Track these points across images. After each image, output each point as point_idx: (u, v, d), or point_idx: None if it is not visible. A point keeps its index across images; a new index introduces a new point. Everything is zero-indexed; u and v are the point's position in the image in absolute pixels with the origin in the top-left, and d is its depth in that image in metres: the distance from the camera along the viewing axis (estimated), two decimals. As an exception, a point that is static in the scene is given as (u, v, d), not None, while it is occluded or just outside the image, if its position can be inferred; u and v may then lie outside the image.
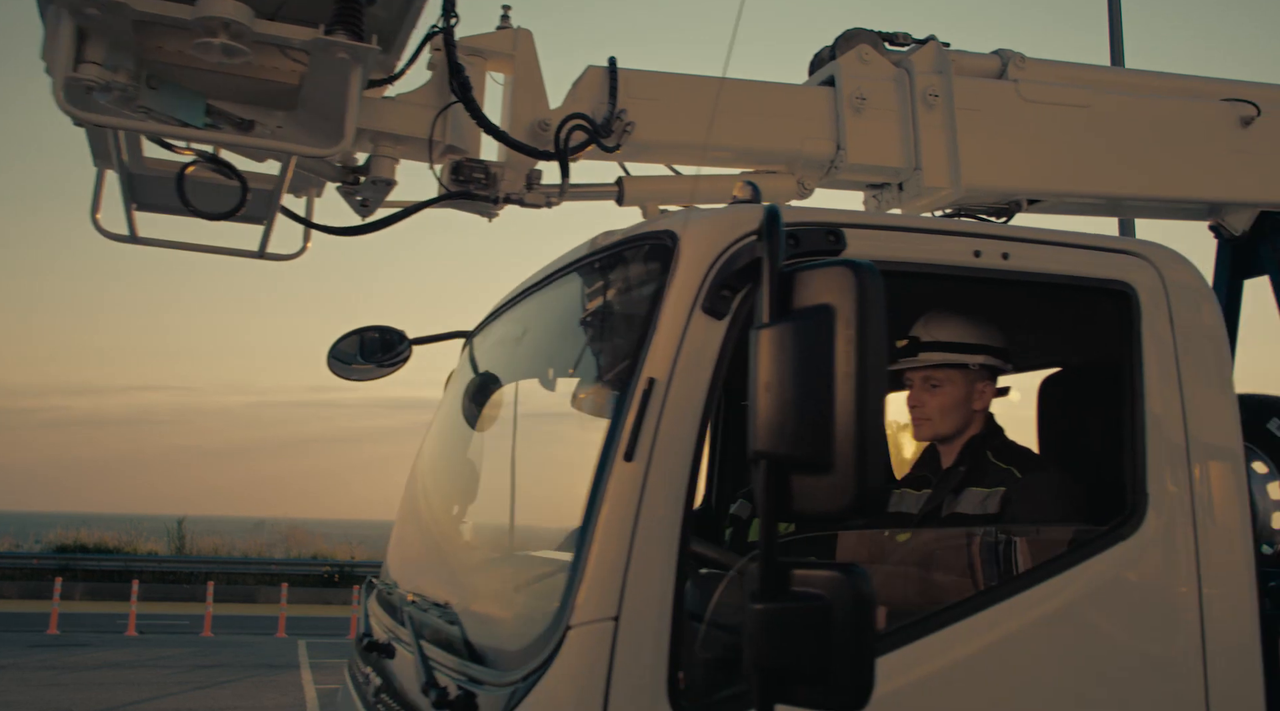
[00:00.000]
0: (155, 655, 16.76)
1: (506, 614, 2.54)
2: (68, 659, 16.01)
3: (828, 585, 1.99)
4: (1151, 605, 2.65)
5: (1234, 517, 2.79)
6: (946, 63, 4.01)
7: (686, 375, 2.35)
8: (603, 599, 2.23)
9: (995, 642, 2.49)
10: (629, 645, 2.21)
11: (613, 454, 2.32)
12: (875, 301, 1.97)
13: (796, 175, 3.87)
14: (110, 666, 15.45)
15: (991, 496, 2.89)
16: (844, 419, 1.93)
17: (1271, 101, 4.44)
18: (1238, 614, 2.73)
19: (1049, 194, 4.15)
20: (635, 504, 2.27)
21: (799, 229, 2.47)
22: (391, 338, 4.32)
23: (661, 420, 2.32)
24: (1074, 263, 2.77)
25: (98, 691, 13.27)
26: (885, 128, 3.88)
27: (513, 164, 3.49)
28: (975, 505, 2.91)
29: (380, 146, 3.40)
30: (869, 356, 1.94)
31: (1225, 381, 2.85)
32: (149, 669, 15.33)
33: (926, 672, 2.43)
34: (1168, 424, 2.74)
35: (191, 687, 13.88)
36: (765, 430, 2.01)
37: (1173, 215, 4.64)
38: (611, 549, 2.25)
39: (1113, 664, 2.59)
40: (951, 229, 2.70)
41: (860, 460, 1.92)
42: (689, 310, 2.39)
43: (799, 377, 1.98)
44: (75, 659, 16.04)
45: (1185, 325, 2.82)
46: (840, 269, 1.99)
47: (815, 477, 1.97)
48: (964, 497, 2.95)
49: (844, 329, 1.96)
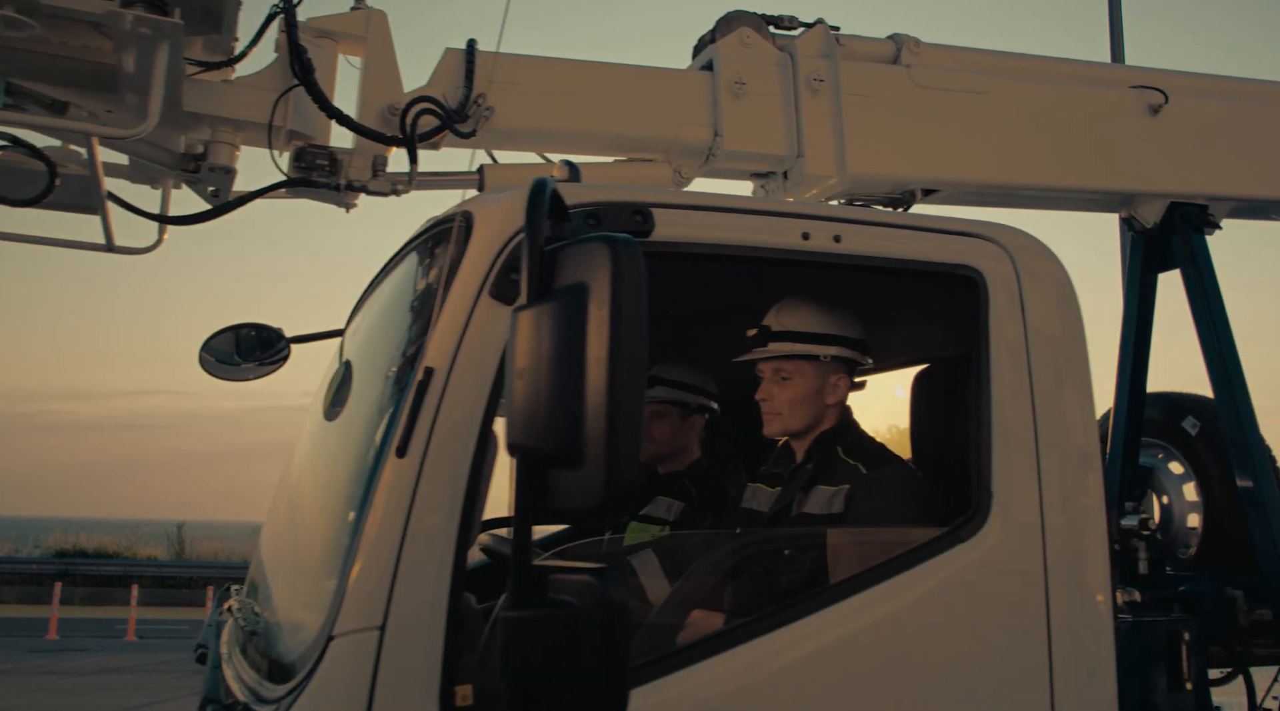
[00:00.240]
0: (155, 660, 16.50)
1: (288, 623, 2.38)
2: (67, 664, 15.79)
3: (579, 591, 1.82)
4: (994, 610, 2.49)
5: (1088, 520, 2.62)
6: (833, 47, 3.85)
7: (469, 365, 2.19)
8: (367, 606, 2.06)
9: (823, 649, 2.32)
10: (395, 656, 2.05)
11: (386, 449, 2.16)
12: (632, 279, 1.80)
13: (673, 163, 3.71)
14: (110, 671, 15.26)
15: (837, 495, 2.72)
16: (594, 407, 1.77)
17: (1179, 88, 4.29)
18: (1090, 623, 2.57)
19: (945, 183, 3.99)
20: (407, 503, 2.10)
21: (601, 208, 2.30)
22: (269, 335, 4.15)
23: (440, 413, 2.15)
24: (914, 246, 2.60)
25: (97, 696, 13.10)
26: (766, 114, 3.73)
27: (361, 150, 3.34)
28: (822, 504, 2.74)
29: (218, 132, 3.24)
30: (623, 339, 1.77)
31: (1081, 376, 2.68)
32: (149, 674, 15.12)
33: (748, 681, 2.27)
34: (1015, 420, 2.58)
35: (190, 693, 13.61)
36: (519, 421, 1.84)
37: (1082, 206, 4.48)
38: (379, 552, 2.09)
39: (951, 672, 2.43)
40: (777, 209, 2.54)
41: (610, 453, 1.75)
42: (475, 295, 2.23)
43: (551, 363, 1.82)
44: (75, 664, 15.81)
45: (1039, 315, 2.65)
46: (595, 244, 1.83)
47: (568, 472, 1.80)
48: (812, 496, 2.78)
49: (596, 309, 1.79)
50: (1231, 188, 4.35)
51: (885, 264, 2.57)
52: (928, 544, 2.47)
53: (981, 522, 2.50)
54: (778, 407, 2.89)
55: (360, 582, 2.08)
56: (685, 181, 3.75)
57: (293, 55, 3.14)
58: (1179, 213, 4.28)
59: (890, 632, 2.37)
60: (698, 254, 2.41)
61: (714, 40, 3.79)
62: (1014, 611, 2.49)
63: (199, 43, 3.27)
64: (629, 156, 3.72)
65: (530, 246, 1.87)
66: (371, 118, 3.33)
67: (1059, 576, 2.53)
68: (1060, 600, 2.52)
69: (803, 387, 2.87)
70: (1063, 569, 2.54)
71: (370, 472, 2.19)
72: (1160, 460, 4.75)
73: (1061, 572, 2.53)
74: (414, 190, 3.39)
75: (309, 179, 3.23)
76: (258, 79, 3.24)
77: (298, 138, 3.28)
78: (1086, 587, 2.57)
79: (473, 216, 2.34)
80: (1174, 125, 4.25)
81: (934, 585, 2.43)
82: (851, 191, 3.85)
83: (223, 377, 4.19)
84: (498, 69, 3.46)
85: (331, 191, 3.27)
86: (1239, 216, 4.60)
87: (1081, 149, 4.17)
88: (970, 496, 2.54)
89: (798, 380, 2.87)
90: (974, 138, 4.00)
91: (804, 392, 2.87)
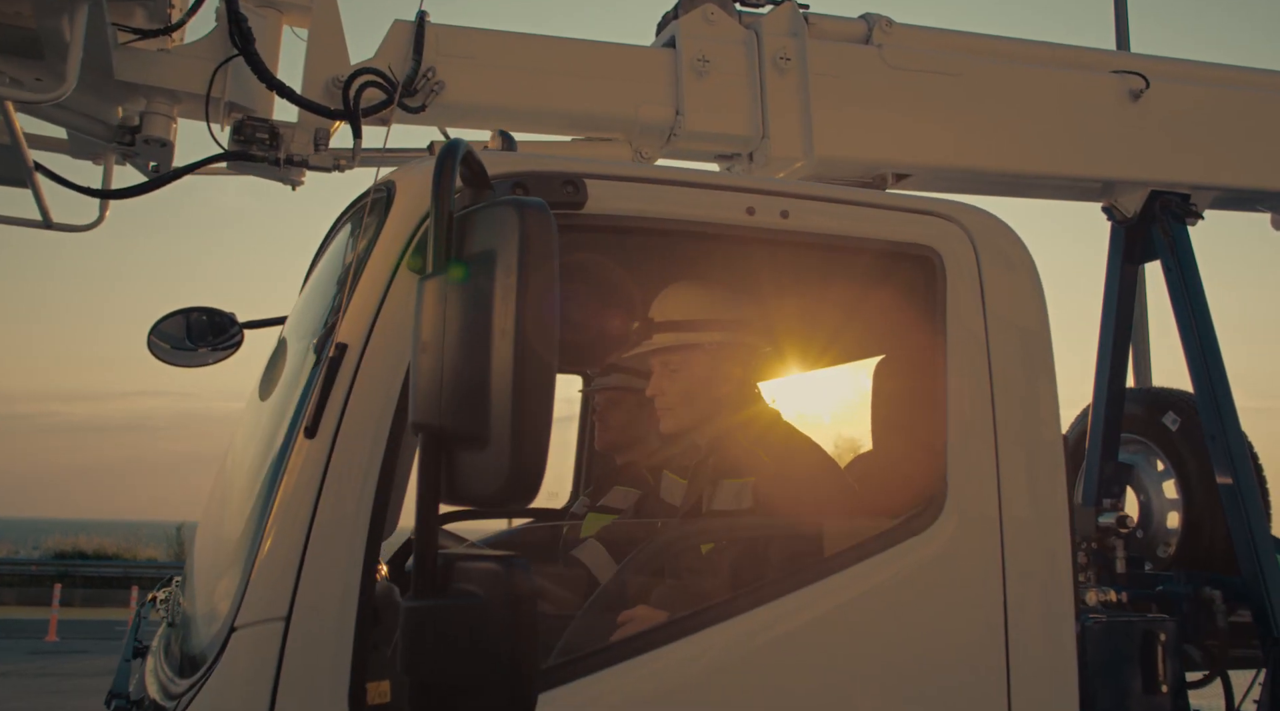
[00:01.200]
0: (155, 662, 16.41)
1: (201, 615, 2.25)
2: (67, 665, 15.57)
3: (484, 580, 1.70)
4: (948, 608, 2.36)
5: (1050, 515, 2.49)
6: (801, 25, 3.71)
7: (386, 341, 2.06)
8: (271, 597, 1.94)
9: (760, 647, 2.20)
10: (301, 648, 1.92)
11: (296, 430, 2.04)
12: (541, 246, 1.68)
13: (634, 143, 3.58)
14: (110, 673, 15.05)
15: (744, 488, 2.58)
16: (499, 384, 1.64)
17: (1161, 74, 4.16)
18: (1050, 622, 2.44)
19: (916, 167, 3.86)
20: (315, 487, 1.98)
21: (528, 177, 2.17)
22: (221, 320, 4.03)
23: (352, 391, 2.03)
24: (868, 225, 2.48)
25: (97, 698, 12.89)
26: (730, 93, 3.59)
27: (304, 124, 3.21)
28: (730, 499, 2.59)
29: (153, 103, 3.11)
30: (531, 310, 1.65)
31: (1044, 363, 2.55)
32: (148, 675, 15.02)
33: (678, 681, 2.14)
34: (974, 409, 2.45)
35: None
36: (422, 398, 1.72)
37: (1061, 195, 4.34)
38: (284, 540, 1.96)
39: (900, 673, 2.30)
40: (720, 183, 2.41)
41: (516, 433, 1.63)
42: (393, 268, 2.10)
43: (455, 336, 1.69)
44: (75, 665, 15.57)
45: (999, 299, 2.53)
46: (501, 209, 1.71)
47: (472, 454, 1.68)
48: (721, 490, 2.63)
49: (503, 277, 1.67)
50: (1214, 176, 4.22)
51: (836, 242, 2.44)
52: (877, 538, 2.34)
53: (935, 516, 2.38)
54: (669, 403, 2.73)
55: (264, 571, 1.96)
56: (647, 162, 3.62)
57: (232, 24, 3.01)
58: (1160, 202, 4.15)
59: (834, 630, 2.25)
60: (634, 228, 2.29)
61: (677, 16, 3.66)
62: (969, 609, 2.37)
63: (140, 12, 3.14)
64: (588, 135, 3.59)
65: (437, 212, 1.75)
66: (316, 91, 3.20)
67: (1018, 573, 2.40)
68: (1019, 598, 2.40)
69: (692, 378, 2.71)
70: (1022, 565, 2.42)
71: (280, 455, 2.07)
72: (1141, 456, 4.63)
73: (1021, 569, 2.41)
74: (360, 167, 3.25)
75: (247, 153, 3.10)
76: (195, 48, 3.11)
77: (238, 110, 3.15)
78: (1047, 585, 2.45)
79: (395, 186, 2.21)
80: (1155, 111, 4.12)
81: (882, 581, 2.31)
82: (820, 174, 3.71)
83: (176, 364, 4.06)
84: (449, 42, 3.33)
85: (271, 166, 3.14)
86: (1223, 207, 4.48)
87: (1059, 134, 4.04)
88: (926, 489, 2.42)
89: (684, 372, 2.71)
90: (947, 121, 3.86)
91: (694, 383, 2.72)
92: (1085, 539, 4.16)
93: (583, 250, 2.42)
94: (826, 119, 3.65)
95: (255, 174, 3.26)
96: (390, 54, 3.28)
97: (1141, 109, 4.11)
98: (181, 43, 3.26)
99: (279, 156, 3.12)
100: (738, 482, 2.59)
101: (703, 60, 3.56)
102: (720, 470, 2.67)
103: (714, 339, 2.68)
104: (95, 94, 3.06)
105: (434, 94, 3.27)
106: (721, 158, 3.79)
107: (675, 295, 2.75)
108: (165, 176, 3.17)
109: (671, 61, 3.58)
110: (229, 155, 3.11)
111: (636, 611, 2.45)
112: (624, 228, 2.28)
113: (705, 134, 3.58)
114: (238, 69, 3.10)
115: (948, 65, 3.90)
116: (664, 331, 2.71)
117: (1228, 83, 4.36)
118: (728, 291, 2.77)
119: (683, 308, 2.72)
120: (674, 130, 3.55)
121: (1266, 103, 4.34)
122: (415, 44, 3.24)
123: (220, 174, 3.37)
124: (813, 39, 3.73)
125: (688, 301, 2.76)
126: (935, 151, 3.87)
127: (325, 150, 3.20)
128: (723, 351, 2.70)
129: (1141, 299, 10.38)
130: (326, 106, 3.13)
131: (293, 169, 3.21)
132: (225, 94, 3.08)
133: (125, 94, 3.12)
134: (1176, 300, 4.14)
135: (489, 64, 3.37)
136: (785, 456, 2.66)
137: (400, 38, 3.29)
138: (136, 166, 3.34)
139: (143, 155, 3.22)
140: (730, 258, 2.45)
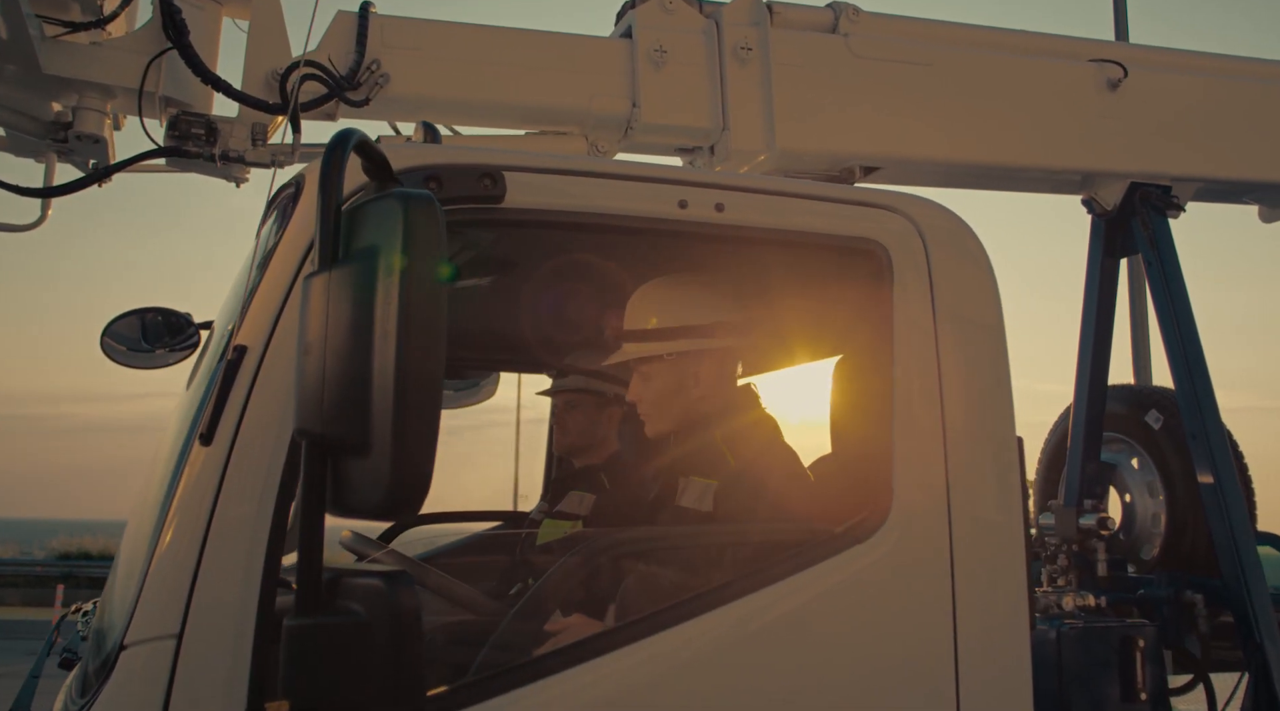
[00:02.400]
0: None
1: (103, 630, 2.16)
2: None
3: (366, 597, 1.60)
4: (892, 619, 2.25)
5: (1003, 520, 2.37)
6: (763, 14, 3.60)
7: (287, 343, 1.95)
8: (162, 612, 1.84)
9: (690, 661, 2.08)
10: (194, 667, 1.82)
11: (191, 436, 1.94)
12: (427, 242, 1.58)
13: (590, 137, 3.47)
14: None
15: (708, 491, 2.48)
16: (381, 388, 1.54)
17: (1139, 62, 4.04)
18: (1002, 633, 2.32)
19: (885, 160, 3.75)
20: (211, 497, 1.87)
21: (443, 170, 2.06)
22: (177, 321, 3.94)
23: (251, 396, 1.92)
24: (808, 218, 2.36)
25: None
26: (689, 84, 3.48)
27: (243, 119, 3.11)
28: (695, 498, 2.50)
29: (85, 98, 3.01)
30: (415, 309, 1.55)
31: (997, 361, 2.43)
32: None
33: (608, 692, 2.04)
34: (921, 410, 2.34)
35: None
36: (305, 403, 1.62)
37: (1038, 187, 4.23)
38: (178, 551, 1.86)
39: (841, 691, 2.19)
40: (650, 175, 2.29)
41: (399, 441, 1.52)
42: (296, 266, 2.00)
43: (337, 337, 1.59)
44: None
45: (949, 294, 2.41)
46: (387, 201, 1.60)
47: (354, 462, 1.58)
48: (689, 488, 2.54)
49: (384, 275, 1.56)
50: (1195, 168, 4.10)
51: (774, 236, 2.33)
52: (818, 546, 2.23)
53: (879, 522, 2.26)
54: (647, 409, 2.67)
55: (155, 585, 1.86)
56: (604, 156, 3.52)
57: (165, 16, 2.91)
58: (1139, 194, 4.03)
59: (766, 645, 2.13)
60: (557, 222, 2.18)
61: (635, 6, 3.55)
62: (915, 621, 2.25)
63: (74, 5, 3.05)
64: (541, 129, 3.48)
65: (323, 205, 1.65)
66: (256, 84, 3.10)
67: (967, 582, 2.29)
68: (970, 608, 2.28)
69: (664, 384, 2.64)
70: (972, 574, 2.30)
71: (178, 462, 1.97)
72: (1124, 456, 4.51)
73: (971, 578, 2.29)
74: (301, 163, 3.15)
75: (182, 148, 3.01)
76: (128, 41, 3.02)
77: (174, 105, 3.06)
78: (998, 594, 2.33)
79: (303, 180, 2.11)
80: (1134, 101, 4.00)
81: (822, 591, 2.20)
82: (783, 167, 3.60)
83: (132, 365, 3.97)
84: (394, 33, 3.23)
85: (207, 162, 3.04)
86: (1206, 199, 4.35)
87: (1035, 125, 3.92)
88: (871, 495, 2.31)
89: (656, 380, 2.64)
90: (917, 112, 3.75)
91: (667, 389, 2.64)
92: (1066, 541, 4.05)
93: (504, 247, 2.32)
94: (789, 111, 3.54)
95: (194, 171, 3.16)
96: (333, 46, 3.18)
97: (1120, 99, 3.99)
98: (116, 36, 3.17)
99: (214, 152, 3.02)
100: (703, 482, 2.52)
101: (659, 51, 3.45)
102: (691, 467, 2.59)
103: (680, 348, 2.59)
104: (23, 89, 2.96)
105: (378, 87, 3.17)
106: (682, 151, 3.68)
107: (642, 301, 2.65)
108: (97, 173, 3.07)
109: (628, 52, 3.47)
110: (164, 151, 3.02)
111: (571, 620, 2.35)
112: (546, 222, 2.18)
113: (663, 127, 3.47)
114: (173, 63, 3.01)
115: (918, 55, 3.79)
116: (633, 341, 2.63)
117: (1210, 71, 4.24)
118: (700, 293, 2.67)
119: (650, 315, 2.63)
120: (630, 123, 3.44)
121: (1250, 91, 4.21)
122: (359, 36, 3.14)
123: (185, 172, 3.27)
124: (776, 28, 3.62)
125: (655, 308, 2.66)
126: (904, 143, 3.75)
127: (263, 146, 3.10)
128: (688, 358, 2.61)
129: (1141, 295, 10.25)
130: (264, 100, 3.04)
131: (231, 165, 3.11)
132: (159, 88, 2.98)
133: (58, 89, 3.03)
134: (1157, 295, 4.03)
135: (435, 56, 3.27)
136: (750, 461, 2.57)
137: (344, 29, 3.20)
138: (75, 164, 3.25)
139: (78, 152, 3.13)
140: (664, 254, 2.34)
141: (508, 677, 1.98)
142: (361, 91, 3.15)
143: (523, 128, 3.50)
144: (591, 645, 2.08)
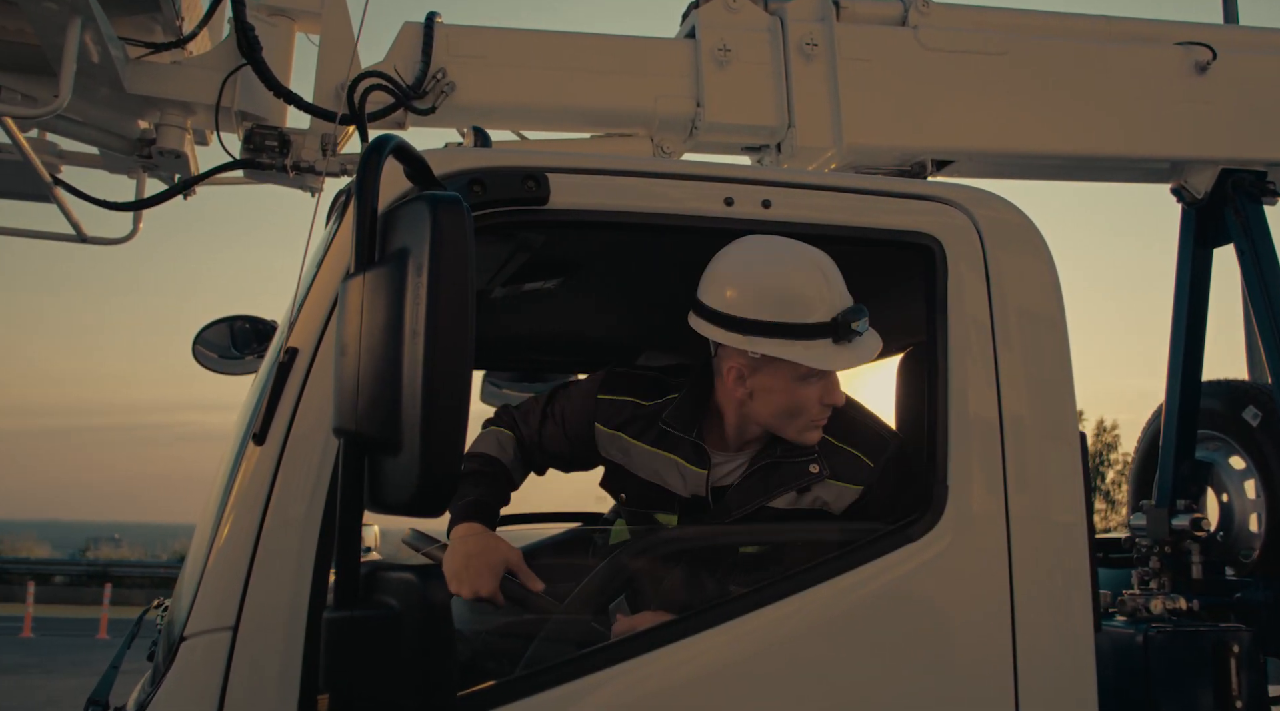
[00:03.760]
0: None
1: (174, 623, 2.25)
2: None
3: (400, 591, 1.64)
4: (947, 621, 2.20)
5: (1066, 517, 2.30)
6: (829, 9, 3.57)
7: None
8: (219, 606, 1.91)
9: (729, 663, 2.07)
10: (249, 659, 1.89)
11: (246, 436, 2.01)
12: (454, 243, 1.61)
13: (655, 138, 3.49)
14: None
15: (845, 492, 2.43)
16: (410, 387, 1.58)
17: (1228, 44, 3.88)
18: (1064, 635, 2.25)
19: (958, 152, 3.67)
20: (265, 494, 1.94)
21: (486, 173, 2.09)
22: (265, 328, 4.08)
23: (303, 396, 1.99)
24: (859, 213, 2.33)
25: None
26: (753, 82, 3.47)
27: (314, 131, 3.21)
28: (832, 498, 2.46)
29: (167, 115, 3.15)
30: (442, 310, 1.59)
31: (1058, 355, 2.36)
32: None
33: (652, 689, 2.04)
34: (977, 403, 2.29)
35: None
36: (342, 401, 1.67)
37: (1124, 177, 4.09)
38: (234, 548, 1.93)
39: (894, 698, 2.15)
40: (695, 172, 2.29)
41: (426, 439, 1.56)
42: (346, 271, 2.05)
43: (372, 337, 1.64)
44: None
45: (1007, 287, 2.35)
46: (416, 205, 1.64)
47: (387, 460, 1.62)
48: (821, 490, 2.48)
49: (414, 276, 1.60)
50: None
51: (825, 232, 2.30)
52: (867, 545, 2.20)
53: (934, 521, 2.22)
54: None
55: (213, 580, 1.93)
56: (670, 157, 3.53)
57: (238, 32, 3.03)
58: (1232, 181, 3.87)
59: (815, 644, 2.11)
60: (603, 222, 2.20)
61: (699, 6, 3.56)
62: (970, 624, 2.20)
63: (156, 27, 3.19)
64: (607, 132, 3.51)
65: (359, 209, 1.70)
66: (327, 97, 3.20)
67: (1027, 582, 2.22)
68: (1029, 608, 2.22)
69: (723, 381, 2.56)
70: (1032, 574, 2.23)
71: (235, 461, 2.05)
72: (1220, 454, 4.33)
73: (1031, 578, 2.23)
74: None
75: (256, 161, 3.12)
76: (205, 59, 3.14)
77: (249, 118, 3.17)
78: (1060, 595, 2.26)
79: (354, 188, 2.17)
80: (1224, 84, 3.84)
81: (873, 592, 2.16)
82: (852, 163, 3.56)
83: (223, 371, 4.12)
84: (459, 42, 3.29)
85: (280, 173, 3.15)
86: (1304, 184, 4.15)
87: (1118, 113, 3.80)
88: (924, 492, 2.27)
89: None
90: (991, 102, 3.67)
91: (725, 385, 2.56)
92: (1158, 542, 3.91)
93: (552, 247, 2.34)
94: (857, 105, 3.50)
95: (270, 182, 3.27)
96: (400, 57, 3.26)
97: (1209, 82, 3.84)
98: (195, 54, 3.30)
99: (287, 163, 3.13)
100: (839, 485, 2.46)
101: (723, 49, 3.45)
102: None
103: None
104: (111, 109, 3.11)
105: (445, 95, 3.24)
106: (749, 150, 3.67)
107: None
108: (177, 187, 3.21)
109: (691, 52, 3.47)
110: (238, 163, 3.14)
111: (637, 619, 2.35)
112: (592, 223, 2.20)
113: (728, 126, 3.47)
114: (248, 78, 3.12)
115: (992, 44, 3.70)
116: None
117: (1305, 50, 4.05)
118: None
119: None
120: (695, 123, 3.45)
121: None
122: (424, 45, 3.22)
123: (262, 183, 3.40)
124: (843, 23, 3.59)
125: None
126: (979, 136, 3.67)
127: (334, 156, 3.20)
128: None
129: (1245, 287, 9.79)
130: (333, 111, 3.13)
131: (306, 176, 3.21)
132: (235, 103, 3.10)
133: (142, 108, 3.17)
134: (1251, 286, 3.86)
135: (500, 63, 3.32)
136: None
137: (410, 40, 3.27)
138: (161, 179, 3.40)
139: (162, 167, 3.27)
140: (711, 252, 2.33)
141: (541, 678, 2.00)
142: (428, 100, 3.22)
143: (588, 131, 3.53)
144: (627, 646, 2.08)
